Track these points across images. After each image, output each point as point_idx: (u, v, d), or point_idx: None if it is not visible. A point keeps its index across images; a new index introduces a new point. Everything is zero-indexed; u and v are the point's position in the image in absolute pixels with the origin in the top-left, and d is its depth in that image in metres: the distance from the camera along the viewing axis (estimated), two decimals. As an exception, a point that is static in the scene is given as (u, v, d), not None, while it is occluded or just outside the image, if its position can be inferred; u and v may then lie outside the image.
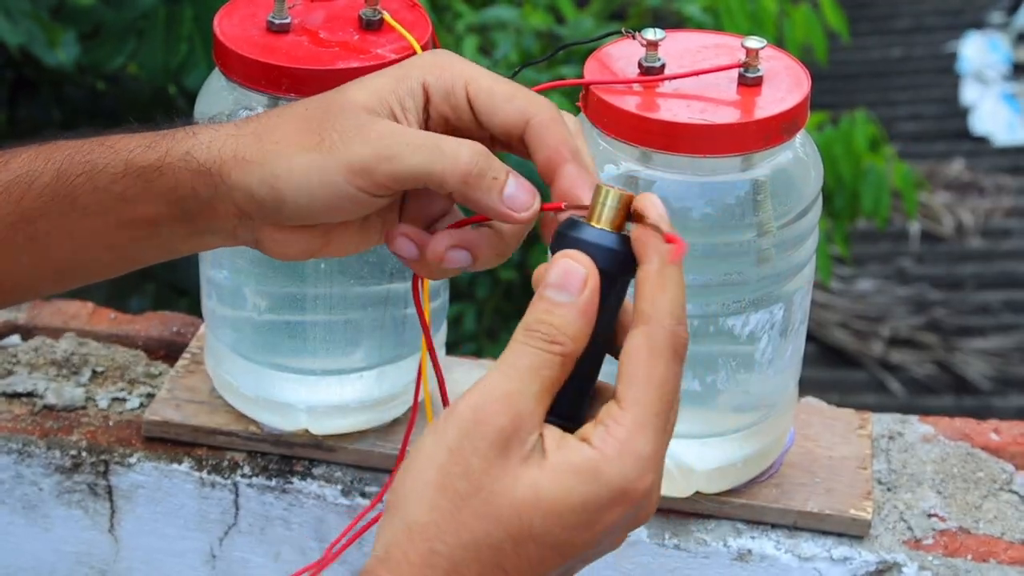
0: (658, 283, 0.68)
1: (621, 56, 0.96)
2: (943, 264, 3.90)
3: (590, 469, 0.66)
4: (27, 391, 1.14)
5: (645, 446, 0.66)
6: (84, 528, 1.12)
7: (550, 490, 0.65)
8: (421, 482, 0.66)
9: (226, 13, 0.99)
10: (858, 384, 3.54)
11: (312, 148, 0.76)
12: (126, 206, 0.80)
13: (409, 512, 0.66)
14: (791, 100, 0.94)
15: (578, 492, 0.65)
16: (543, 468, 0.66)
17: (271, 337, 1.05)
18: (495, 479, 0.65)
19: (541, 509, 0.65)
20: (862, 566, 1.03)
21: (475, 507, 0.65)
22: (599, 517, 0.66)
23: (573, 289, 0.68)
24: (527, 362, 0.67)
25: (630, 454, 0.66)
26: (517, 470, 0.66)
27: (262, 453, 1.09)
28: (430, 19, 1.00)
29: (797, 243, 0.98)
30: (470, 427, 0.66)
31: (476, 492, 0.65)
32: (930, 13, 5.09)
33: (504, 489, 0.65)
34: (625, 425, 0.66)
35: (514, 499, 0.65)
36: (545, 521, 0.66)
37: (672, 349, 0.67)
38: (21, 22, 1.82)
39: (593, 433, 0.67)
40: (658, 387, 0.67)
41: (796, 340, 1.02)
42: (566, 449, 0.66)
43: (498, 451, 0.66)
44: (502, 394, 0.66)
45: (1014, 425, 1.14)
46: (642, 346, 0.67)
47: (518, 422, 0.66)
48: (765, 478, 1.06)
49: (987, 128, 4.46)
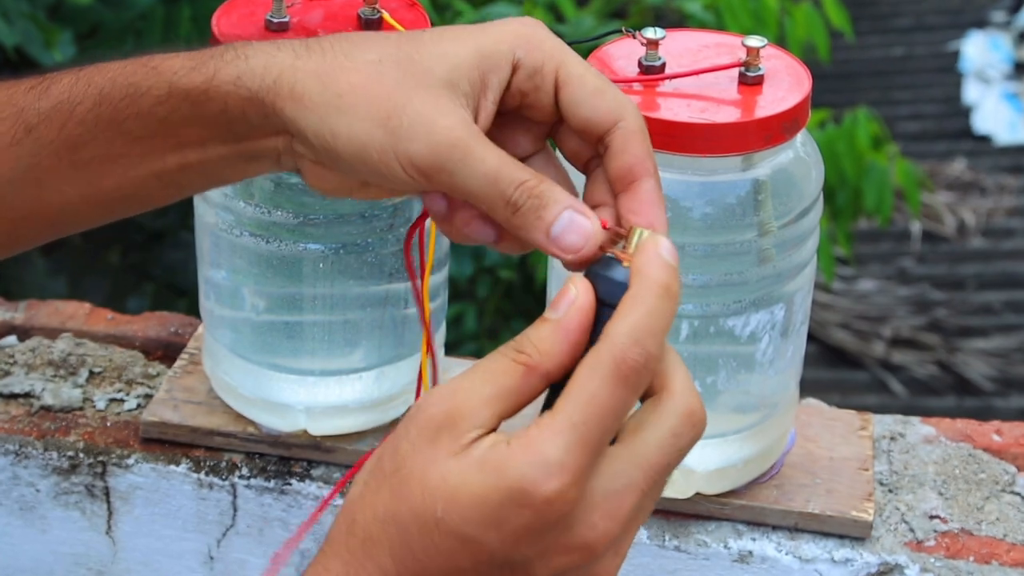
0: (629, 305, 0.66)
1: (621, 55, 0.96)
2: (945, 264, 3.90)
3: (494, 463, 0.65)
4: (24, 392, 1.14)
5: (553, 450, 0.64)
6: (81, 529, 1.11)
7: (455, 478, 0.65)
8: (368, 463, 0.68)
9: (224, 12, 0.99)
10: (859, 385, 3.54)
11: (379, 123, 0.72)
12: (172, 129, 0.77)
13: (351, 490, 0.68)
14: (792, 99, 0.94)
15: (477, 482, 0.65)
16: (458, 458, 0.66)
17: (270, 337, 1.05)
18: (416, 464, 0.66)
19: (443, 495, 0.65)
20: (863, 568, 1.03)
21: (392, 484, 0.66)
22: (502, 516, 0.65)
23: (559, 308, 0.67)
24: (488, 365, 0.67)
25: (534, 453, 0.64)
26: (439, 459, 0.66)
27: (260, 454, 1.09)
28: (429, 18, 1.00)
29: (798, 243, 0.98)
30: (409, 413, 0.67)
31: (396, 471, 0.66)
32: (932, 12, 5.10)
33: (419, 472, 0.66)
34: (540, 427, 0.65)
35: (424, 482, 0.65)
36: (447, 507, 0.65)
37: (614, 367, 0.65)
38: (17, 22, 1.82)
39: (515, 433, 0.66)
40: (587, 399, 0.65)
41: (797, 340, 1.02)
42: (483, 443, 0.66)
43: (426, 438, 0.66)
44: (449, 388, 0.67)
45: (1016, 426, 1.14)
46: (586, 362, 0.66)
47: (455, 415, 0.66)
48: (766, 479, 1.06)
49: (989, 128, 4.46)
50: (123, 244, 2.34)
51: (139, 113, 0.77)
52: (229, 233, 1.02)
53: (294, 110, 0.74)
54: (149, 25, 1.94)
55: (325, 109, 0.73)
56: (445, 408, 0.66)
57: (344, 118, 0.73)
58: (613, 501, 0.66)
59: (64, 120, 0.78)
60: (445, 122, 0.71)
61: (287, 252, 1.01)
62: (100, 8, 1.97)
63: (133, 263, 2.30)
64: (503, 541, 0.65)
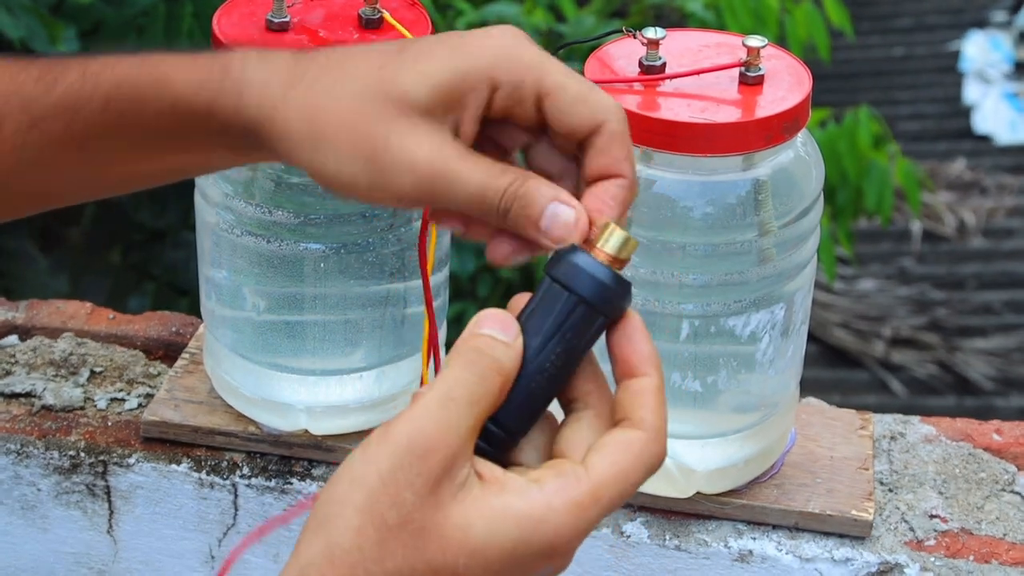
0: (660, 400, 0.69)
1: (622, 55, 0.96)
2: (945, 264, 3.90)
3: (534, 515, 0.66)
4: (25, 391, 1.14)
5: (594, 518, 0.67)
6: (82, 529, 1.11)
7: (481, 533, 0.65)
8: (349, 505, 0.65)
9: (225, 12, 0.99)
10: (859, 384, 3.54)
11: (363, 161, 0.73)
12: (178, 138, 0.78)
13: (332, 534, 0.65)
14: (792, 99, 0.94)
15: (512, 536, 0.65)
16: (478, 509, 0.65)
17: (270, 337, 1.05)
18: (425, 515, 0.65)
19: (467, 549, 0.65)
20: (863, 567, 1.03)
21: (403, 539, 0.65)
22: (525, 564, 0.66)
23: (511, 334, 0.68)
24: (467, 394, 0.67)
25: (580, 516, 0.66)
26: (448, 507, 0.65)
27: (261, 453, 1.09)
28: (430, 17, 1.00)
29: (798, 243, 0.98)
30: (405, 460, 0.65)
31: (405, 524, 0.65)
32: (932, 12, 5.09)
33: (434, 526, 0.65)
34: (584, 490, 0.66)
35: (441, 535, 0.65)
36: (471, 561, 0.65)
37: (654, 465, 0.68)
38: (22, 17, 1.82)
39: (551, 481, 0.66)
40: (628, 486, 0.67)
41: (797, 340, 1.02)
42: (510, 493, 0.66)
43: (431, 488, 0.65)
44: (439, 429, 0.66)
45: (1016, 426, 1.14)
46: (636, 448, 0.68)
47: (453, 459, 0.65)
48: (766, 479, 1.06)
49: (989, 127, 4.46)
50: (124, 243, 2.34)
51: (145, 124, 0.78)
52: (230, 233, 1.02)
53: (286, 149, 0.76)
54: (151, 22, 1.94)
55: (312, 147, 0.75)
56: (446, 454, 0.65)
57: (331, 157, 0.74)
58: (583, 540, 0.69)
59: (71, 118, 0.78)
60: (425, 153, 0.73)
61: (288, 252, 1.01)
62: (102, 6, 1.97)
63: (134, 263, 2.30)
64: None
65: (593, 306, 0.68)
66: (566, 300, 0.68)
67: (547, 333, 0.68)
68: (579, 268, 0.68)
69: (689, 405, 1.00)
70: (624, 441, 0.68)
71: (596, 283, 0.68)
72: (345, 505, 0.65)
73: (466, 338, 0.68)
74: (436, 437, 0.65)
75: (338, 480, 0.66)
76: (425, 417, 0.66)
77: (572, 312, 0.68)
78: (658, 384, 0.69)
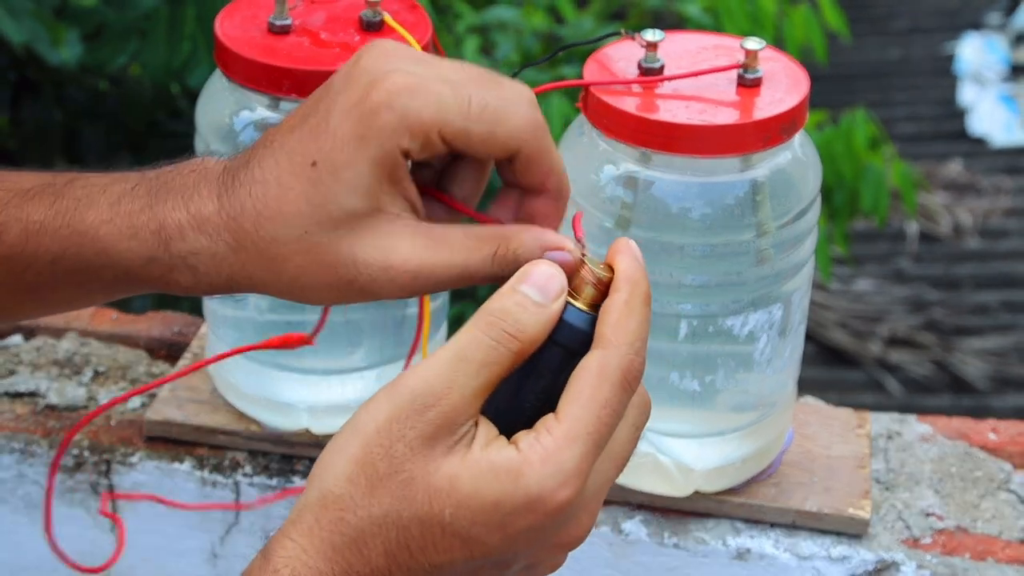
0: (624, 311, 0.68)
1: (621, 57, 0.97)
2: (941, 264, 3.90)
3: (509, 470, 0.66)
4: (29, 391, 1.15)
5: (570, 460, 0.66)
6: (86, 527, 1.12)
7: (466, 484, 0.66)
8: (343, 455, 0.67)
9: (227, 14, 0.99)
10: (856, 384, 3.54)
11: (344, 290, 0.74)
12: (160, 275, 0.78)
13: (326, 481, 0.68)
14: (790, 101, 0.94)
15: (493, 490, 0.66)
16: (465, 462, 0.66)
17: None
18: (416, 466, 0.66)
19: (453, 500, 0.66)
20: (860, 565, 1.03)
21: (390, 487, 0.66)
22: (510, 520, 0.67)
23: (551, 295, 0.68)
24: (480, 356, 0.67)
25: (553, 463, 0.66)
26: (439, 459, 0.66)
27: (263, 452, 1.10)
28: (431, 20, 1.00)
29: (796, 243, 0.98)
30: (403, 413, 0.67)
31: (395, 473, 0.66)
32: (928, 14, 5.10)
33: (422, 475, 0.66)
34: (555, 436, 0.67)
35: (429, 485, 0.66)
36: (456, 511, 0.66)
37: (623, 375, 0.68)
38: (24, 20, 1.82)
39: (524, 439, 0.67)
40: (599, 407, 0.67)
41: (795, 340, 1.02)
42: (492, 448, 0.67)
43: (425, 441, 0.66)
44: (444, 385, 0.67)
45: (1012, 425, 1.15)
46: (593, 367, 0.68)
47: (452, 416, 0.67)
48: (764, 477, 1.06)
49: (985, 129, 4.46)
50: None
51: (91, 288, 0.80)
52: (233, 233, 1.02)
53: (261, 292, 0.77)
54: (154, 25, 1.94)
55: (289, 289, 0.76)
56: (445, 410, 0.66)
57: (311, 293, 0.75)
58: (597, 499, 0.69)
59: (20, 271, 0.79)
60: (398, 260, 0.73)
61: (290, 252, 1.01)
62: (104, 9, 1.97)
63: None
64: (504, 540, 0.67)
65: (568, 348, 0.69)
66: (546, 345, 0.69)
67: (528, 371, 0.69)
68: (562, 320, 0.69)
69: (687, 404, 1.00)
70: (582, 368, 0.68)
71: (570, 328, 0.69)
72: (341, 453, 0.67)
73: (504, 292, 0.68)
74: (439, 394, 0.66)
75: (339, 432, 0.68)
76: (433, 374, 0.67)
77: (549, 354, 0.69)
78: (625, 298, 0.69)
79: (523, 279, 0.68)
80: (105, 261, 0.78)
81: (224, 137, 1.00)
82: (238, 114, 1.00)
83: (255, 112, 0.99)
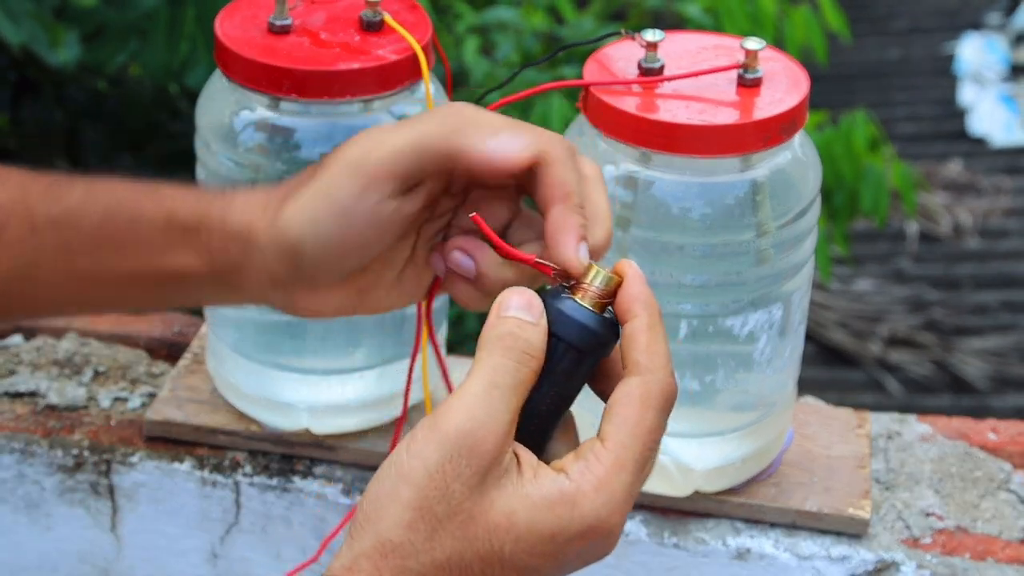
0: (651, 335, 0.70)
1: (621, 57, 0.97)
2: (941, 264, 3.90)
3: (564, 501, 0.67)
4: (29, 391, 1.15)
5: (620, 487, 0.68)
6: (86, 527, 1.12)
7: (524, 519, 0.67)
8: (398, 501, 0.67)
9: (227, 14, 0.99)
10: (856, 384, 3.54)
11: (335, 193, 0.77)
12: (163, 257, 0.81)
13: (383, 528, 0.67)
14: (790, 101, 0.94)
15: (549, 522, 0.67)
16: (518, 495, 0.67)
17: (272, 337, 1.06)
18: (473, 504, 0.67)
19: (513, 535, 0.67)
20: (860, 565, 1.03)
21: (451, 529, 0.67)
22: (567, 548, 0.68)
23: (536, 314, 0.70)
24: (510, 380, 0.68)
25: (606, 492, 0.68)
26: (492, 493, 0.67)
27: (263, 452, 1.10)
28: (431, 20, 1.00)
29: (796, 243, 0.98)
30: (454, 451, 0.67)
31: (454, 515, 0.67)
32: (928, 14, 5.10)
33: (480, 513, 0.67)
34: (605, 464, 0.68)
35: (488, 523, 0.67)
36: (516, 546, 0.67)
37: (664, 400, 0.69)
38: (24, 22, 1.82)
39: (573, 466, 0.68)
40: (645, 434, 0.69)
41: (795, 340, 1.03)
42: (543, 479, 0.68)
43: (481, 478, 0.67)
44: (488, 417, 0.67)
45: (1012, 424, 1.15)
46: (636, 393, 0.69)
47: (500, 448, 0.68)
48: (764, 477, 1.06)
49: (985, 129, 4.47)
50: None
51: (137, 238, 0.81)
52: (233, 233, 1.02)
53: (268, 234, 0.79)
54: (153, 25, 1.94)
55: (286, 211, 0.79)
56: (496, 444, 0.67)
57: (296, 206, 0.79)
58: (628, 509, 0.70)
59: (69, 230, 0.82)
60: None
61: (290, 252, 1.01)
62: (104, 9, 1.97)
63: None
64: (557, 566, 0.69)
65: (581, 350, 0.70)
66: (555, 346, 0.70)
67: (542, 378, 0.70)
68: (566, 315, 0.70)
69: (687, 404, 1.00)
70: (624, 394, 0.69)
71: (583, 329, 0.70)
72: (394, 500, 0.67)
73: (494, 322, 0.70)
74: (486, 427, 0.67)
75: (384, 476, 0.68)
76: (475, 407, 0.67)
77: (562, 358, 0.70)
78: (647, 323, 0.70)
79: (507, 307, 0.70)
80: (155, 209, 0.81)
81: (224, 137, 1.00)
82: (238, 114, 1.00)
83: (255, 112, 0.99)
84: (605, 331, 0.70)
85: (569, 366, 0.70)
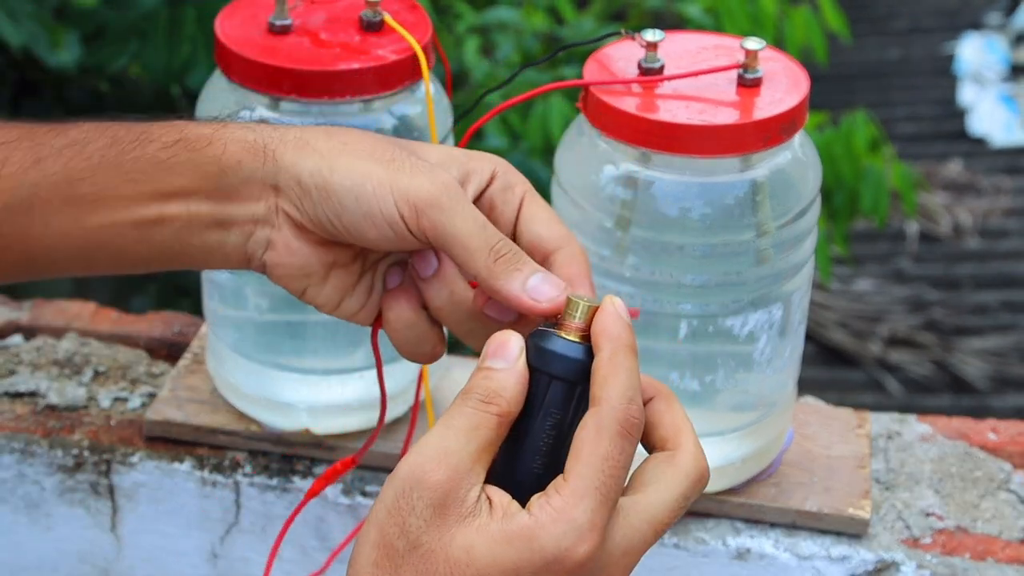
0: (609, 368, 0.70)
1: (621, 57, 0.97)
2: (941, 264, 3.90)
3: (523, 536, 0.68)
4: (29, 391, 1.15)
5: (581, 515, 0.68)
6: (86, 527, 1.12)
7: (483, 553, 0.68)
8: (366, 543, 0.69)
9: (227, 14, 1.00)
10: (856, 384, 3.54)
11: (380, 163, 0.78)
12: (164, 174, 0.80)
13: (357, 570, 0.69)
14: (790, 101, 0.94)
15: (509, 556, 0.68)
16: (479, 531, 0.68)
17: (272, 337, 1.06)
18: (432, 537, 0.68)
19: (472, 570, 0.68)
20: (860, 565, 1.03)
21: (412, 562, 0.68)
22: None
23: (510, 357, 0.71)
24: (463, 422, 0.70)
25: (565, 522, 0.68)
26: (454, 528, 0.68)
27: (263, 452, 1.10)
28: (431, 21, 1.01)
29: (796, 243, 0.98)
30: (407, 485, 0.68)
31: (414, 549, 0.68)
32: (928, 14, 5.10)
33: (441, 548, 0.68)
34: (563, 495, 0.68)
35: (448, 557, 0.68)
36: None
37: (620, 426, 0.70)
38: (24, 23, 1.82)
39: (534, 502, 0.69)
40: (601, 461, 0.69)
41: (795, 340, 1.03)
42: (507, 517, 0.68)
43: (435, 509, 0.68)
44: (437, 452, 0.69)
45: (1012, 424, 1.15)
46: (590, 424, 0.70)
47: (456, 480, 0.68)
48: (764, 477, 1.06)
49: (985, 129, 4.47)
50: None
51: (141, 156, 0.80)
52: (233, 233, 1.02)
53: (296, 155, 0.79)
54: (154, 26, 1.94)
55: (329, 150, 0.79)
56: (446, 475, 0.68)
57: (345, 158, 0.78)
58: (629, 557, 0.70)
59: (73, 155, 0.81)
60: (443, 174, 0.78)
61: (290, 252, 1.01)
62: (105, 10, 1.97)
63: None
64: None
65: (566, 380, 0.71)
66: (541, 382, 0.71)
67: (535, 414, 0.71)
68: (547, 351, 0.72)
69: (687, 404, 0.99)
70: (581, 427, 0.70)
71: (564, 359, 0.71)
72: (364, 542, 0.69)
73: (472, 373, 0.72)
74: (436, 461, 0.68)
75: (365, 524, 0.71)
76: (425, 447, 0.69)
77: (552, 391, 0.71)
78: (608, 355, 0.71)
79: (482, 357, 0.72)
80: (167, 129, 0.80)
81: (224, 137, 1.00)
82: (238, 114, 1.00)
83: (255, 112, 0.99)
84: (588, 358, 0.72)
85: (560, 397, 0.71)
